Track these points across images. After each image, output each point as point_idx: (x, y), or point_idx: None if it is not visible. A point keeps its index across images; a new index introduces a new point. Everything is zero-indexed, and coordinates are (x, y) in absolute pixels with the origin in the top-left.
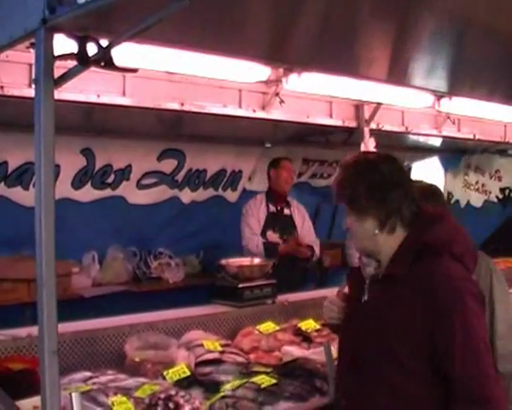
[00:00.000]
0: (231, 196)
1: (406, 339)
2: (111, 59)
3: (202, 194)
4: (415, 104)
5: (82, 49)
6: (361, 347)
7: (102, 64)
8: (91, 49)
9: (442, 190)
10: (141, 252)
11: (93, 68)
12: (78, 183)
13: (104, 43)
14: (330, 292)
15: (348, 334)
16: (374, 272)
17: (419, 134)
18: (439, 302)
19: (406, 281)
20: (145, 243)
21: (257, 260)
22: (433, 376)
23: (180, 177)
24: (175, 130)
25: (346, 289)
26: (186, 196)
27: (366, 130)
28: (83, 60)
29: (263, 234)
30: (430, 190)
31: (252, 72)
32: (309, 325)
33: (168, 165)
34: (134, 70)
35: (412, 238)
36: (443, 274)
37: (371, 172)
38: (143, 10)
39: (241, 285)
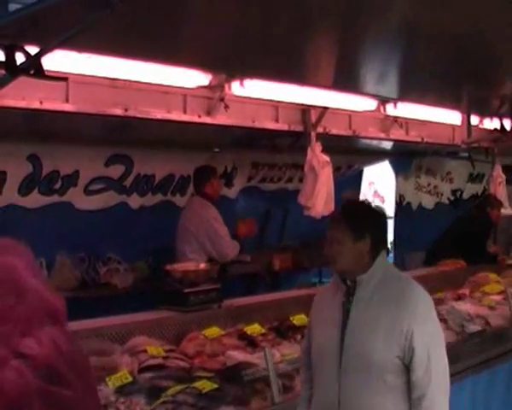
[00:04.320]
0: (180, 200)
1: None
2: (41, 67)
3: (151, 199)
4: (359, 108)
5: (10, 57)
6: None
7: (32, 72)
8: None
9: (394, 192)
10: (89, 258)
11: None
12: (24, 189)
13: (34, 51)
14: (280, 295)
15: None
16: None
17: (366, 138)
18: None
19: None
20: (94, 248)
21: (202, 265)
22: None
23: (128, 182)
24: (122, 135)
25: None
26: (134, 201)
27: (313, 134)
28: (11, 69)
29: None
30: None
31: (192, 77)
32: (254, 329)
33: (116, 170)
34: (64, 78)
35: None
36: None
37: None
38: (73, 19)
39: (186, 290)
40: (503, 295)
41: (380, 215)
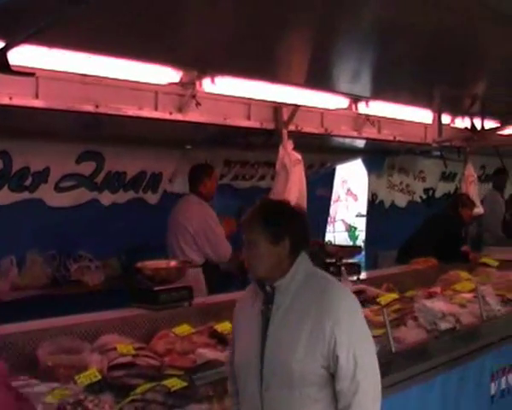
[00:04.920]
0: (152, 198)
1: None
2: (7, 61)
3: (122, 196)
4: (331, 106)
5: None
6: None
7: None
8: None
9: (366, 191)
10: (60, 255)
11: None
12: None
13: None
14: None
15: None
16: None
17: (338, 136)
18: None
19: None
20: (65, 246)
21: (173, 263)
22: None
23: (99, 179)
24: (93, 132)
25: None
26: (106, 198)
27: (284, 132)
28: None
29: None
30: None
31: (163, 74)
32: (225, 326)
33: (87, 167)
34: (31, 74)
35: None
36: None
37: None
38: (42, 13)
39: (156, 288)
40: (474, 293)
41: (299, 215)
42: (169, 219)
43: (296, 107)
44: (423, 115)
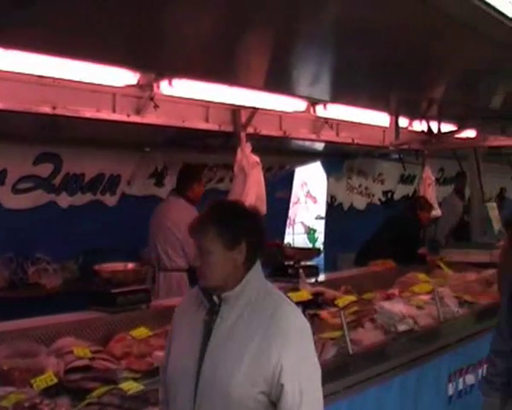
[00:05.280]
0: (110, 200)
1: None
2: None
3: (80, 198)
4: (288, 109)
5: None
6: None
7: None
8: None
9: (325, 192)
10: (17, 258)
11: None
12: None
13: None
14: None
15: None
16: None
17: (296, 138)
18: None
19: None
20: (22, 248)
21: (131, 265)
22: None
23: (57, 181)
24: (51, 134)
25: None
26: (64, 200)
27: (242, 134)
28: None
29: None
30: None
31: (120, 76)
32: None
33: (44, 169)
34: None
35: None
36: None
37: None
38: None
39: (113, 290)
40: (432, 295)
41: (254, 215)
42: (152, 220)
43: (254, 109)
44: (381, 119)
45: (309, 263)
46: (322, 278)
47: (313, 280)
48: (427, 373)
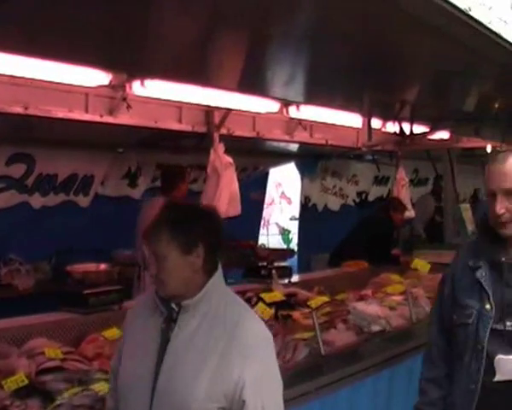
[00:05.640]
0: (83, 200)
1: None
2: None
3: (53, 199)
4: (261, 110)
5: None
6: None
7: None
8: None
9: (299, 193)
10: None
11: None
12: None
13: None
14: None
15: None
16: None
17: (270, 139)
18: None
19: None
20: None
21: (103, 266)
22: None
23: (30, 182)
24: (23, 134)
25: None
26: (36, 201)
27: (216, 135)
28: None
29: None
30: None
31: (92, 76)
32: None
33: (17, 170)
34: None
35: None
36: None
37: None
38: None
39: (86, 291)
40: (405, 295)
41: (210, 214)
42: (138, 220)
43: (228, 110)
44: (355, 120)
45: (282, 264)
46: (295, 278)
47: (286, 281)
48: (399, 374)
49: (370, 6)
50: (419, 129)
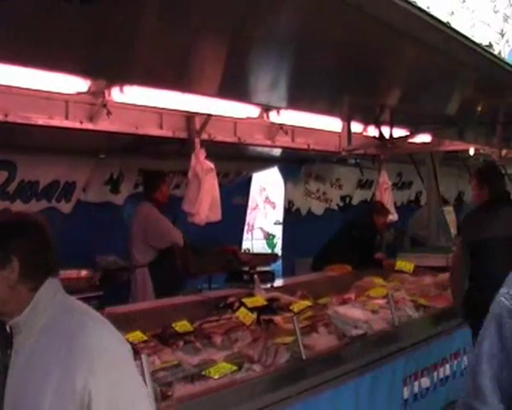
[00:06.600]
0: (65, 207)
1: None
2: None
3: (35, 206)
4: (242, 115)
5: None
6: None
7: None
8: None
9: (283, 198)
10: None
11: None
12: None
13: None
14: (164, 302)
15: None
16: None
17: (251, 144)
18: None
19: None
20: None
21: (84, 272)
22: None
23: (12, 188)
24: (5, 141)
25: None
26: (18, 208)
27: (197, 141)
28: None
29: None
30: None
31: (71, 83)
32: (136, 336)
33: None
34: None
35: None
36: None
37: None
38: None
39: None
40: (387, 298)
41: (31, 228)
42: (129, 228)
43: (209, 116)
44: (336, 124)
45: (264, 269)
46: (278, 283)
47: (269, 286)
48: (381, 377)
49: (350, 15)
50: (399, 132)
